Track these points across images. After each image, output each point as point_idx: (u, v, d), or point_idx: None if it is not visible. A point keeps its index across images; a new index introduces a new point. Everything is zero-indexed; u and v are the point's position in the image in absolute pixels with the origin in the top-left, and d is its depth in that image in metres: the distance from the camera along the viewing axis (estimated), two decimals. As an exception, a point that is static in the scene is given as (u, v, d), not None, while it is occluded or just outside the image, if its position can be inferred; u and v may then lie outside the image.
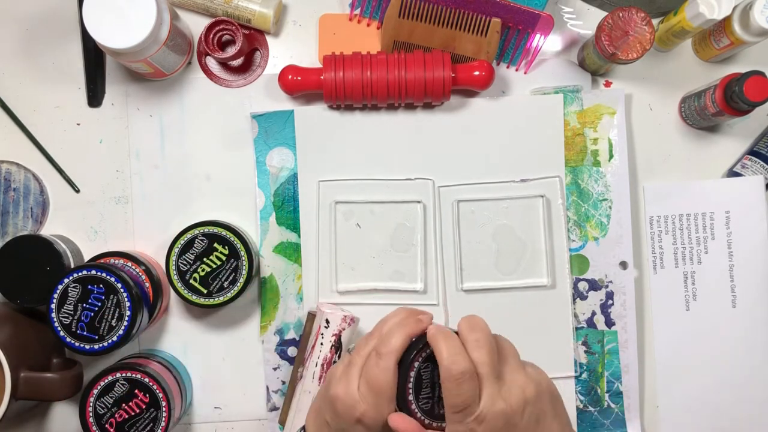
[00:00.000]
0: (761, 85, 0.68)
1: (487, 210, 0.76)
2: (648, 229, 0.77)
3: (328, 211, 0.75)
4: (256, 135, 0.76)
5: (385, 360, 0.52)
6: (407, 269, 0.75)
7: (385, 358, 0.52)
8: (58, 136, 0.77)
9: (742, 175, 0.76)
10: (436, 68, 0.72)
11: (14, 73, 0.77)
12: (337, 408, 0.53)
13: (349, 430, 0.53)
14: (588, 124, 0.76)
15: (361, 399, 0.52)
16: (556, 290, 0.75)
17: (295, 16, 0.78)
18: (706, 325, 0.76)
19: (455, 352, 0.50)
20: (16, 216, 0.76)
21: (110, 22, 0.66)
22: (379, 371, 0.51)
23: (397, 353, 0.52)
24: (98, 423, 0.68)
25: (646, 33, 0.69)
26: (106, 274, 0.66)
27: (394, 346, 0.52)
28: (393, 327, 0.53)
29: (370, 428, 0.52)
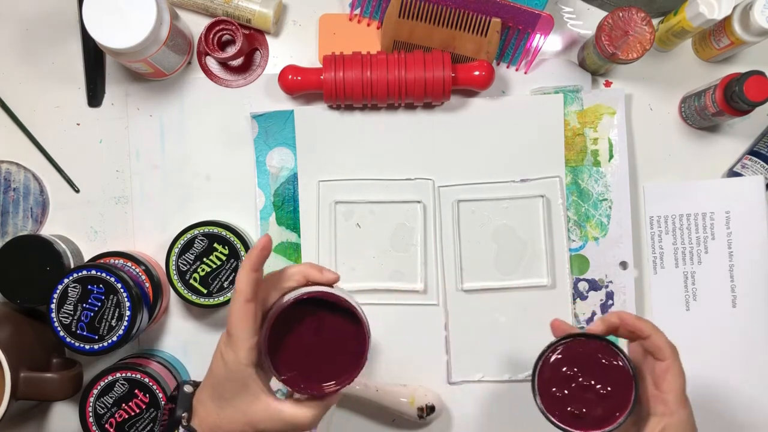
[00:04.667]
0: (761, 85, 0.68)
1: (487, 210, 0.76)
2: (648, 229, 0.77)
3: (328, 211, 0.75)
4: (256, 135, 0.76)
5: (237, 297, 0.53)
6: (407, 269, 0.75)
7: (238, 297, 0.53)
8: (58, 136, 0.77)
9: (742, 175, 0.76)
10: (436, 68, 0.72)
11: (14, 73, 0.77)
12: (211, 368, 0.55)
13: (225, 386, 0.54)
14: (588, 124, 0.76)
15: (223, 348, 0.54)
16: (556, 290, 0.75)
17: (295, 16, 0.78)
18: (706, 325, 0.76)
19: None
20: (16, 216, 0.76)
21: (110, 22, 0.66)
22: (231, 311, 0.53)
23: (243, 293, 0.52)
24: (98, 423, 0.68)
25: (646, 33, 0.69)
26: (106, 274, 0.66)
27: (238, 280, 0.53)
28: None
29: (234, 373, 0.53)
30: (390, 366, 0.75)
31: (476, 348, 0.75)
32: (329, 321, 0.54)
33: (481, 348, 0.75)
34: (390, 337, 0.75)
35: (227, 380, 0.54)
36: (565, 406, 0.58)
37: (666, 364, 0.56)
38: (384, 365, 0.75)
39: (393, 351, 0.75)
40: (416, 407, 0.71)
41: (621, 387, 0.57)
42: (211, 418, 0.55)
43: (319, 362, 0.54)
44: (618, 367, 0.57)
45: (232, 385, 0.54)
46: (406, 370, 0.75)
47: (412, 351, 0.75)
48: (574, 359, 0.58)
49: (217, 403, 0.55)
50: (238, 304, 0.52)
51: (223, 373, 0.54)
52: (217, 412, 0.55)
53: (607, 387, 0.57)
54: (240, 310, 0.52)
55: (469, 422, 0.75)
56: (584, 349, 0.58)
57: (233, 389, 0.54)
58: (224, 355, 0.53)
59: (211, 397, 0.55)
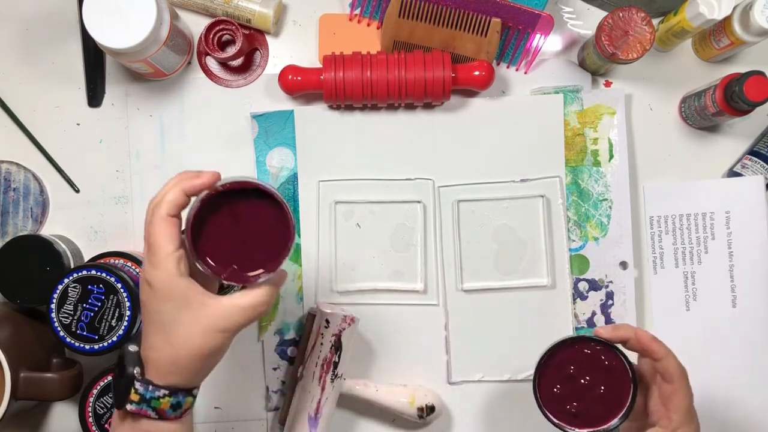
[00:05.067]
0: (761, 85, 0.68)
1: (487, 210, 0.76)
2: (648, 229, 0.77)
3: (328, 211, 0.76)
4: (256, 135, 0.76)
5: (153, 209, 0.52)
6: (407, 269, 0.75)
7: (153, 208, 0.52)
8: (58, 136, 0.77)
9: (742, 175, 0.76)
10: (436, 68, 0.72)
11: (14, 73, 0.77)
12: (144, 307, 0.53)
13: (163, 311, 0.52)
14: (588, 124, 0.76)
15: (144, 268, 0.52)
16: (556, 290, 0.75)
17: (295, 16, 0.78)
18: (706, 325, 0.76)
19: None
20: (16, 216, 0.76)
21: (110, 22, 0.66)
22: (148, 223, 0.52)
23: (168, 206, 0.51)
24: (98, 423, 0.68)
25: (646, 33, 0.69)
26: (106, 274, 0.66)
27: (160, 198, 0.52)
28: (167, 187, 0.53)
29: (168, 291, 0.51)
30: (390, 366, 0.75)
31: (476, 348, 0.75)
32: (249, 211, 0.54)
33: (481, 348, 0.75)
34: (390, 337, 0.75)
35: (163, 302, 0.51)
36: (564, 404, 0.59)
37: (674, 387, 0.57)
38: (384, 365, 0.75)
39: (393, 351, 0.75)
40: (416, 407, 0.71)
41: (620, 390, 0.58)
42: (165, 354, 0.52)
43: (252, 251, 0.54)
44: (619, 369, 0.59)
45: (171, 305, 0.51)
46: (406, 370, 0.75)
47: (412, 351, 0.75)
48: (577, 359, 0.59)
49: (164, 334, 0.52)
50: (159, 218, 0.51)
51: (156, 298, 0.51)
52: (168, 343, 0.52)
53: (607, 388, 0.58)
54: (162, 223, 0.51)
55: (469, 422, 0.75)
56: (588, 351, 0.59)
57: (173, 308, 0.51)
58: (151, 279, 0.51)
59: (156, 333, 0.52)
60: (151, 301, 0.52)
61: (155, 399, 0.51)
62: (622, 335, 0.58)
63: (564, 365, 0.59)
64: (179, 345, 0.52)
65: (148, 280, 0.52)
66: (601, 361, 0.59)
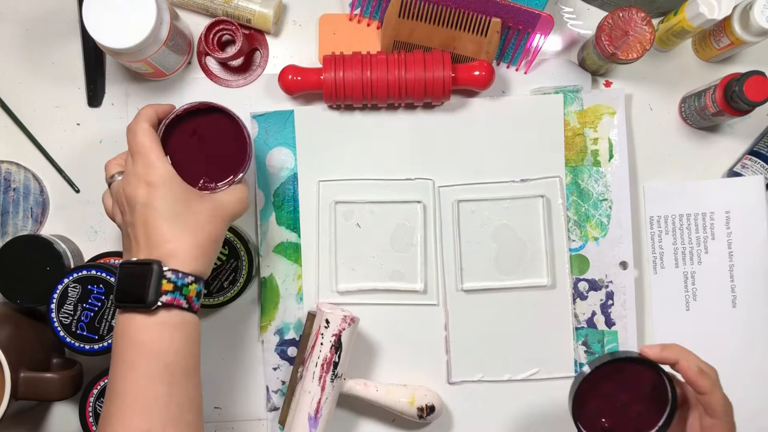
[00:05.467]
0: (761, 85, 0.68)
1: (487, 210, 0.76)
2: (648, 229, 0.77)
3: (328, 211, 0.75)
4: (256, 135, 0.76)
5: (133, 125, 0.59)
6: (407, 269, 0.75)
7: (133, 124, 0.59)
8: (58, 136, 0.77)
9: (742, 175, 0.76)
10: (436, 68, 0.72)
11: (14, 73, 0.77)
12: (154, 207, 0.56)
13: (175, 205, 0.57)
14: (588, 124, 0.76)
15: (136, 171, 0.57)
16: (556, 290, 0.75)
17: (295, 16, 0.78)
18: (706, 325, 0.76)
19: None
20: (16, 216, 0.76)
21: (110, 22, 0.66)
22: (130, 134, 0.59)
23: (145, 117, 0.60)
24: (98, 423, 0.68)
25: (646, 33, 0.69)
26: (106, 274, 0.66)
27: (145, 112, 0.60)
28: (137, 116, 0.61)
29: (173, 186, 0.57)
30: (390, 366, 0.75)
31: (476, 348, 0.75)
32: (208, 129, 0.64)
33: (481, 348, 0.75)
34: (390, 337, 0.75)
35: (171, 195, 0.57)
36: (599, 417, 0.59)
37: (715, 422, 0.56)
38: (384, 365, 0.75)
39: (393, 351, 0.75)
40: (416, 407, 0.71)
41: (657, 412, 0.58)
42: (186, 241, 0.56)
43: (217, 164, 0.64)
44: (660, 391, 0.58)
45: (180, 196, 0.57)
46: (406, 370, 0.75)
47: (412, 351, 0.75)
48: (619, 377, 0.59)
49: (180, 224, 0.56)
50: (143, 129, 0.58)
51: (163, 192, 0.56)
52: (187, 230, 0.57)
53: (644, 409, 0.58)
54: (148, 132, 0.58)
55: (469, 422, 0.75)
56: (631, 370, 0.59)
57: (183, 200, 0.57)
58: (152, 178, 0.56)
59: (171, 223, 0.56)
60: (157, 198, 0.56)
61: (186, 286, 0.55)
62: (669, 358, 0.57)
63: (604, 380, 0.59)
64: (197, 231, 0.57)
65: (148, 181, 0.56)
66: (645, 379, 0.58)
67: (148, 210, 0.56)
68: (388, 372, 0.75)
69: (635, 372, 0.58)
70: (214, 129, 0.65)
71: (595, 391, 0.59)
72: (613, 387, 0.59)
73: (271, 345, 0.75)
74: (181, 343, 0.56)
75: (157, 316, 0.55)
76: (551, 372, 0.75)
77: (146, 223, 0.56)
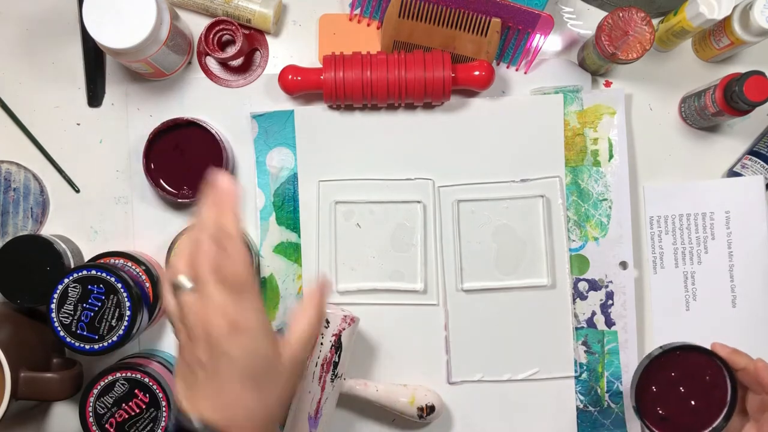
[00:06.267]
0: (761, 85, 0.68)
1: (487, 210, 0.76)
2: (648, 229, 0.77)
3: (328, 211, 0.75)
4: (256, 135, 0.76)
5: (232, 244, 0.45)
6: (407, 269, 0.75)
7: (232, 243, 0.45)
8: (58, 136, 0.77)
9: (742, 175, 0.76)
10: (436, 68, 0.72)
11: (14, 73, 0.77)
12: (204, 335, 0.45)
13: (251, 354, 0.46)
14: (588, 124, 0.76)
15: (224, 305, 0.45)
16: (556, 290, 0.75)
17: (295, 16, 0.78)
18: (706, 325, 0.76)
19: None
20: (16, 216, 0.76)
21: (110, 22, 0.66)
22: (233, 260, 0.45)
23: (241, 232, 0.46)
24: (98, 423, 0.68)
25: (646, 33, 0.69)
26: (106, 274, 0.66)
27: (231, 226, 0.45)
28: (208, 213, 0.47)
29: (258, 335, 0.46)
30: (390, 366, 0.75)
31: (476, 348, 0.75)
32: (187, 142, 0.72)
33: (481, 348, 0.75)
34: (390, 337, 0.75)
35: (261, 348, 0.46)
36: (656, 406, 0.60)
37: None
38: (384, 365, 0.75)
39: (393, 351, 0.75)
40: (416, 407, 0.71)
41: (715, 410, 0.58)
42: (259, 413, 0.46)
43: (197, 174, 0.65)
44: (721, 390, 0.59)
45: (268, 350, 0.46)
46: (406, 370, 0.75)
47: (412, 351, 0.75)
48: (684, 367, 0.59)
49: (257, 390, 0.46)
50: (240, 246, 0.45)
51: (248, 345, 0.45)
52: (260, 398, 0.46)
53: (702, 404, 0.58)
54: (243, 250, 0.45)
55: (469, 422, 0.75)
56: (697, 362, 0.59)
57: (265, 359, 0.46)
58: (242, 323, 0.45)
59: (244, 388, 0.45)
60: (240, 347, 0.45)
61: None
62: (739, 362, 0.57)
63: (669, 367, 0.59)
64: (271, 399, 0.46)
65: (234, 321, 0.45)
66: (706, 374, 0.59)
67: (224, 359, 0.46)
68: (388, 372, 0.75)
69: (700, 366, 0.59)
70: (194, 142, 0.72)
71: (658, 376, 0.59)
72: (675, 376, 0.59)
73: (271, 345, 0.75)
74: None
75: None
76: (551, 372, 0.75)
77: (218, 373, 0.46)
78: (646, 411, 0.59)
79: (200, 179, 0.63)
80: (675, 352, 0.58)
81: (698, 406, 0.59)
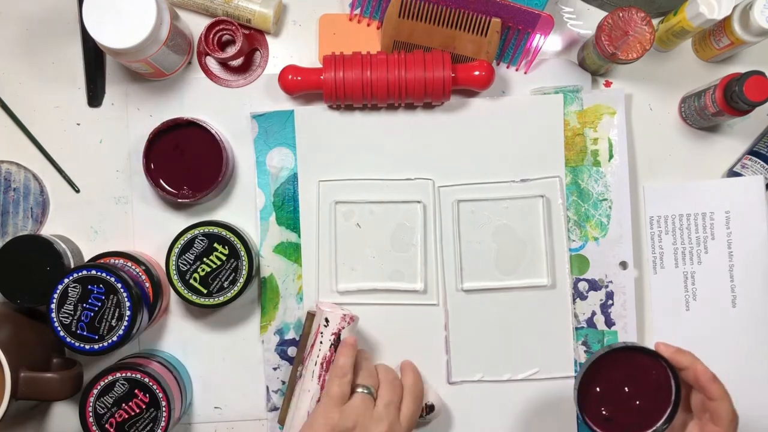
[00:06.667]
0: (761, 85, 0.68)
1: (487, 210, 0.76)
2: (648, 229, 0.77)
3: (328, 211, 0.75)
4: (256, 135, 0.76)
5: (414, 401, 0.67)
6: (407, 269, 0.75)
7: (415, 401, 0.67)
8: (58, 136, 0.77)
9: (742, 175, 0.76)
10: (436, 68, 0.72)
11: (14, 73, 0.77)
12: None
13: None
14: (588, 124, 0.76)
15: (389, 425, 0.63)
16: (556, 290, 0.75)
17: (295, 16, 0.78)
18: (706, 325, 0.76)
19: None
20: (16, 216, 0.76)
21: (110, 22, 0.66)
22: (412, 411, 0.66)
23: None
24: (98, 423, 0.68)
25: (646, 33, 0.69)
26: (106, 274, 0.66)
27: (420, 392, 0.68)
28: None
29: None
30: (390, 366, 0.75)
31: (476, 348, 0.75)
32: (187, 142, 0.72)
33: (481, 348, 0.75)
34: (390, 337, 0.75)
35: None
36: (600, 406, 0.59)
37: (719, 431, 0.56)
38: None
39: (393, 351, 0.75)
40: None
41: (659, 409, 0.58)
42: None
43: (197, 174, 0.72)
44: (665, 389, 0.59)
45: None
46: (406, 370, 0.75)
47: (412, 351, 0.75)
48: (629, 368, 0.59)
49: None
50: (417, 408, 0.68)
51: None
52: None
53: (647, 404, 0.58)
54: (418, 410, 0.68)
55: (469, 422, 0.75)
56: (642, 363, 0.59)
57: None
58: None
59: None
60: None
61: None
62: (682, 361, 0.57)
63: (615, 367, 0.59)
64: None
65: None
66: (651, 375, 0.58)
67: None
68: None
69: (644, 366, 0.58)
70: (194, 142, 0.72)
71: (603, 376, 0.59)
72: (620, 376, 0.59)
73: (271, 345, 0.75)
74: None
75: None
76: (551, 372, 0.75)
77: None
78: (589, 411, 0.59)
79: (200, 179, 0.71)
80: (620, 352, 0.58)
81: (643, 406, 0.59)
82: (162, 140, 0.73)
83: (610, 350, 0.58)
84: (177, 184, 0.73)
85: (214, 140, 0.72)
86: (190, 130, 0.73)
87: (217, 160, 0.72)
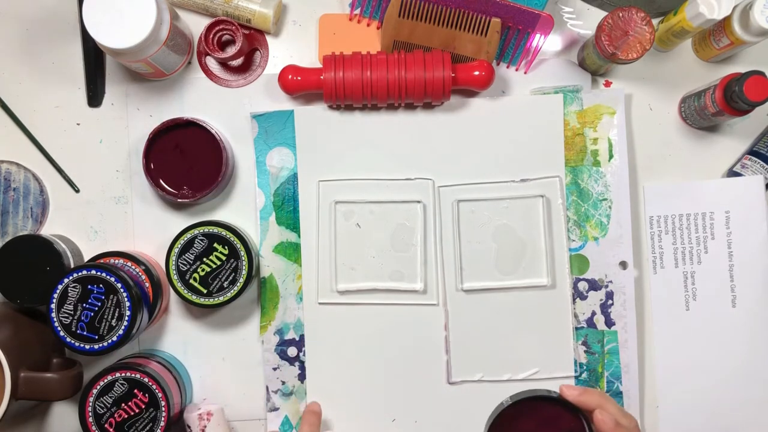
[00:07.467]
0: (761, 85, 0.68)
1: (487, 210, 0.76)
2: (648, 229, 0.77)
3: (328, 211, 0.76)
4: (256, 135, 0.76)
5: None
6: (407, 269, 0.75)
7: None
8: (58, 136, 0.77)
9: (742, 175, 0.76)
10: (436, 68, 0.72)
11: (14, 73, 0.77)
12: None
13: None
14: (588, 124, 0.76)
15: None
16: (556, 290, 0.75)
17: (295, 16, 0.78)
18: (706, 325, 0.76)
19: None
20: (16, 216, 0.76)
21: (110, 22, 0.66)
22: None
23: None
24: (98, 423, 0.68)
25: (646, 33, 0.69)
26: (106, 274, 0.66)
27: None
28: None
29: None
30: (390, 366, 0.75)
31: (476, 348, 0.75)
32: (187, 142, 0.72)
33: (481, 348, 0.75)
34: (390, 337, 0.75)
35: None
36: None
37: None
38: (383, 365, 0.75)
39: (393, 351, 0.75)
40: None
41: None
42: None
43: (197, 174, 0.72)
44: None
45: None
46: (406, 369, 0.75)
47: (413, 351, 0.75)
48: (538, 417, 0.58)
49: None
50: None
51: None
52: None
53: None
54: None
55: (469, 422, 0.75)
56: (551, 411, 0.58)
57: None
58: None
59: None
60: None
61: None
62: (587, 402, 0.57)
63: (523, 416, 0.58)
64: None
65: None
66: (561, 420, 0.58)
67: None
68: (388, 372, 0.75)
69: (554, 412, 0.58)
70: (194, 142, 0.72)
71: (513, 426, 0.58)
72: (531, 425, 0.58)
73: (271, 345, 0.75)
74: None
75: None
76: (551, 372, 0.75)
77: None
78: None
79: (200, 179, 0.72)
80: (526, 402, 0.58)
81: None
82: (162, 140, 0.73)
83: (514, 402, 0.57)
84: (177, 184, 0.73)
85: (214, 140, 0.72)
86: (190, 130, 0.73)
87: (217, 160, 0.72)
